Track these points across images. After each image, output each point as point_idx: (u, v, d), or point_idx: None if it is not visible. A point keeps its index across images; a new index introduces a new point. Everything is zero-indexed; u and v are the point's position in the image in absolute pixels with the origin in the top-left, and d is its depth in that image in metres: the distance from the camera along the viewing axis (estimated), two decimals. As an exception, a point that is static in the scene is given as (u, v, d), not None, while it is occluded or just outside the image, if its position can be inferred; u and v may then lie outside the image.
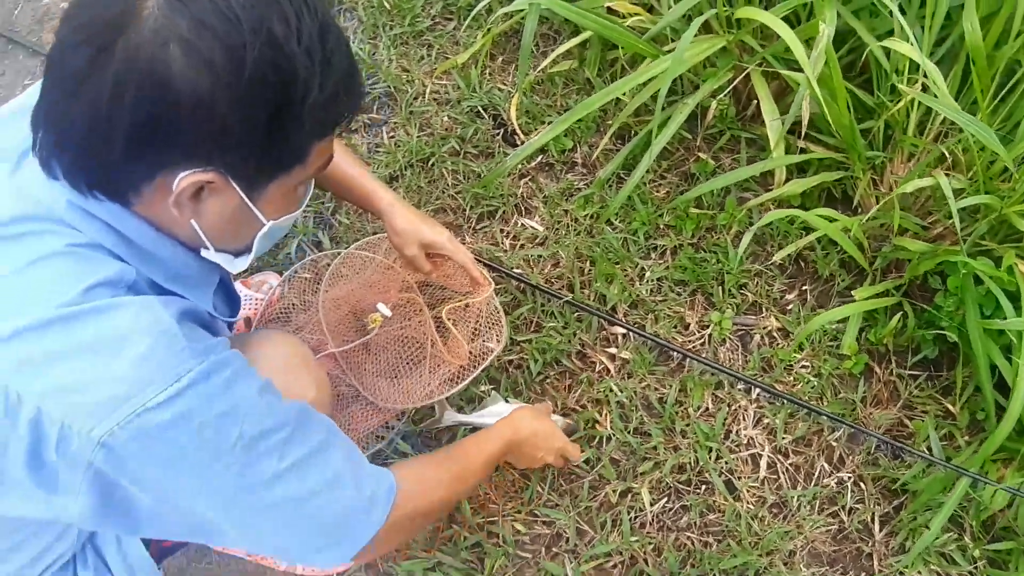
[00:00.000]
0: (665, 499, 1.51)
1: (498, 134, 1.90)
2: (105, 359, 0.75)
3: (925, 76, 1.41)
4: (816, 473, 1.54)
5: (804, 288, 1.69)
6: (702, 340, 1.65)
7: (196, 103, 0.72)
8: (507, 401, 1.52)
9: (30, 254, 0.77)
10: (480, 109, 1.92)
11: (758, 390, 1.58)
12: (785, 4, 1.52)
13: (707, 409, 1.58)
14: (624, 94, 1.76)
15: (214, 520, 0.85)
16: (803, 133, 1.55)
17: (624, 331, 1.65)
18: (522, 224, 1.78)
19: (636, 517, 1.50)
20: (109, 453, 0.75)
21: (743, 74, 1.68)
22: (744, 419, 1.56)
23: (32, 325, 0.74)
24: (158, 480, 0.79)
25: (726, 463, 1.53)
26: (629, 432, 1.55)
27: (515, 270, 1.69)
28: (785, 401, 1.55)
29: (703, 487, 1.52)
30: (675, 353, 1.63)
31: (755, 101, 1.70)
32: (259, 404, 0.83)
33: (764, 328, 1.65)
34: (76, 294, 0.76)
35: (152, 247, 0.84)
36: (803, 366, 1.60)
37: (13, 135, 0.84)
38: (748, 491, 1.51)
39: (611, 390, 1.59)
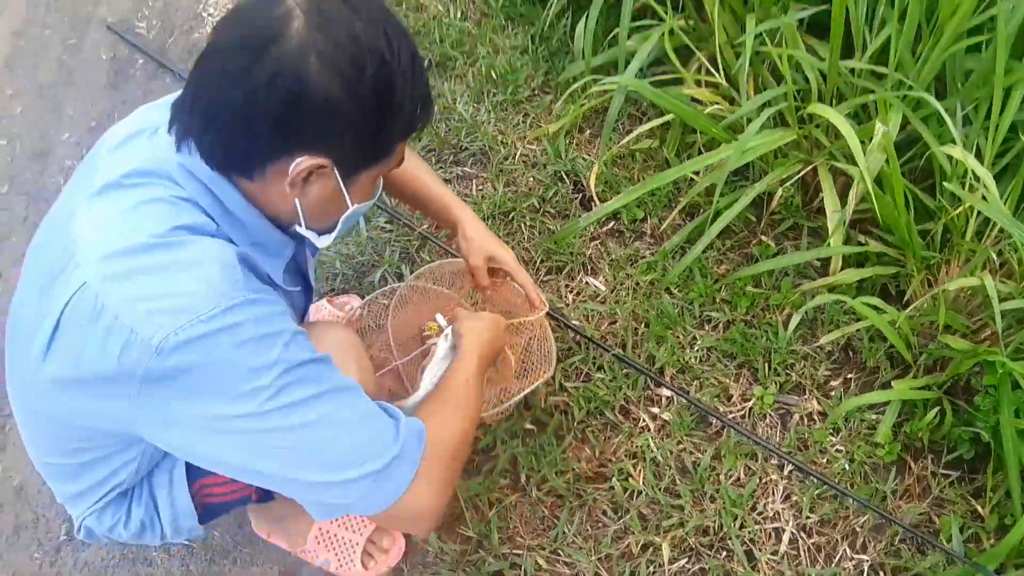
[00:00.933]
0: (685, 559, 1.56)
1: (576, 198, 2.05)
2: (175, 278, 0.92)
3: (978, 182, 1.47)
4: (837, 556, 1.55)
5: (849, 376, 1.74)
6: (743, 412, 1.71)
7: (326, 101, 0.91)
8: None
9: (141, 198, 0.97)
10: (563, 174, 2.08)
11: (790, 467, 1.62)
12: (850, 103, 1.61)
13: (738, 478, 1.63)
14: (696, 173, 1.88)
15: (241, 440, 0.94)
16: (857, 225, 1.63)
17: (669, 393, 1.73)
18: (586, 282, 1.91)
19: (654, 572, 1.55)
20: (162, 357, 0.89)
21: (810, 167, 1.78)
22: (773, 493, 1.60)
23: (126, 248, 0.93)
24: (199, 386, 0.91)
25: (749, 533, 1.56)
26: (660, 489, 1.61)
27: (573, 322, 1.80)
28: (815, 480, 1.58)
29: (723, 553, 1.56)
30: (714, 421, 1.69)
31: (821, 194, 1.79)
32: (298, 338, 0.97)
33: (805, 409, 1.70)
34: (165, 230, 0.94)
35: (239, 212, 1.02)
36: (837, 449, 1.63)
37: (158, 115, 1.07)
38: (767, 563, 1.54)
39: (648, 446, 1.66)
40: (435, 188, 1.54)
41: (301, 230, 1.08)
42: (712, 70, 1.96)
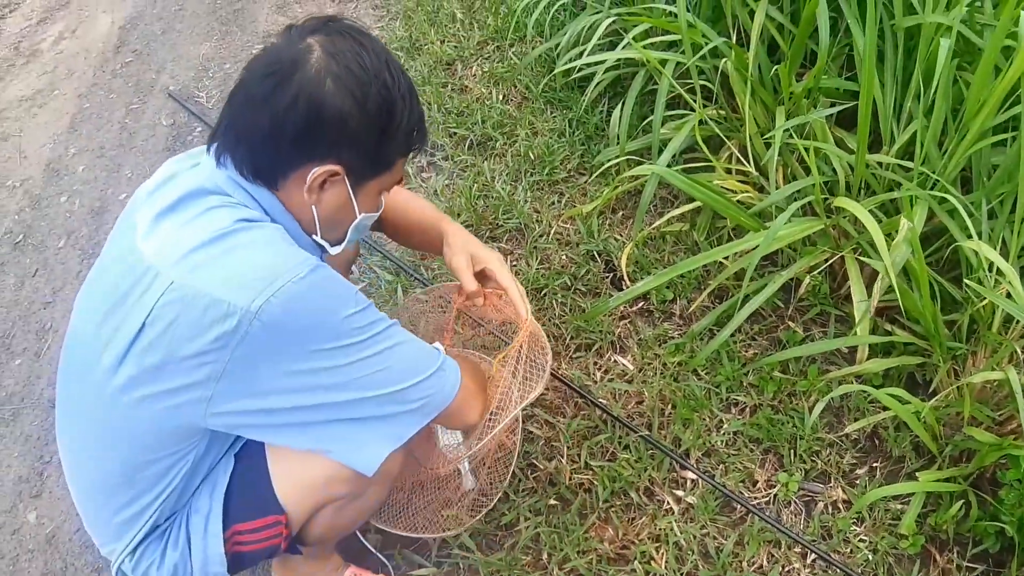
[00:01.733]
0: (706, 645, 1.56)
1: (607, 277, 2.11)
2: (255, 254, 1.07)
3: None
4: (863, 651, 1.54)
5: (875, 465, 1.74)
6: (767, 499, 1.72)
7: (339, 117, 1.08)
8: None
9: (199, 209, 1.11)
10: (595, 253, 2.14)
11: (813, 555, 1.61)
12: (876, 199, 1.66)
13: (761, 566, 1.63)
14: (725, 258, 1.93)
15: (335, 364, 1.09)
16: (884, 314, 1.65)
17: (694, 476, 1.74)
18: (615, 360, 1.95)
19: (675, 657, 1.55)
20: (261, 321, 1.02)
21: (838, 256, 1.82)
22: (795, 581, 1.60)
23: (200, 243, 1.06)
24: (297, 338, 1.05)
25: (772, 621, 1.56)
26: (682, 574, 1.62)
27: (600, 400, 1.84)
28: (839, 570, 1.58)
29: (745, 641, 1.56)
30: (739, 506, 1.70)
31: (849, 282, 1.82)
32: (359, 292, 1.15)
33: (829, 497, 1.70)
34: (229, 223, 1.09)
35: (277, 215, 1.17)
36: (861, 539, 1.62)
37: (190, 158, 1.24)
38: (790, 654, 1.53)
39: (672, 530, 1.67)
40: (425, 209, 1.58)
41: (317, 239, 1.22)
42: (742, 159, 2.03)
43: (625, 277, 2.06)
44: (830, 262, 1.86)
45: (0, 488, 1.89)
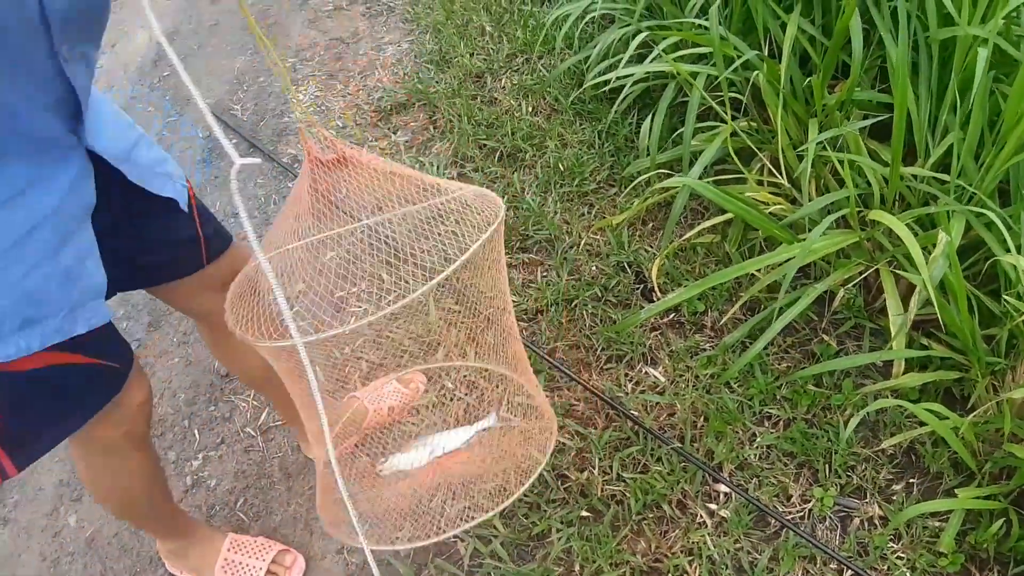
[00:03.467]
0: (740, 661, 1.54)
1: (638, 289, 2.11)
2: None
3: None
4: (900, 670, 1.52)
5: (911, 481, 1.72)
6: (802, 513, 1.70)
7: None
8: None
9: None
10: (625, 265, 2.15)
11: (850, 572, 1.59)
12: (911, 212, 1.64)
13: (796, 580, 1.62)
14: (758, 270, 1.92)
15: None
16: (920, 327, 1.64)
17: (727, 490, 1.73)
18: (646, 372, 1.94)
19: (708, 672, 1.53)
20: None
21: (872, 269, 1.81)
22: (831, 597, 1.58)
23: None
24: None
25: (807, 638, 1.54)
26: (715, 587, 1.61)
27: (632, 412, 1.84)
28: (875, 587, 1.56)
29: (780, 657, 1.54)
30: (773, 521, 1.69)
31: (883, 295, 1.80)
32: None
33: (866, 513, 1.68)
34: None
35: None
36: (899, 557, 1.60)
37: None
38: (826, 672, 1.51)
39: (705, 543, 1.66)
40: None
41: None
42: (774, 171, 2.02)
43: (656, 289, 2.06)
44: (864, 275, 1.84)
45: (41, 492, 1.93)
